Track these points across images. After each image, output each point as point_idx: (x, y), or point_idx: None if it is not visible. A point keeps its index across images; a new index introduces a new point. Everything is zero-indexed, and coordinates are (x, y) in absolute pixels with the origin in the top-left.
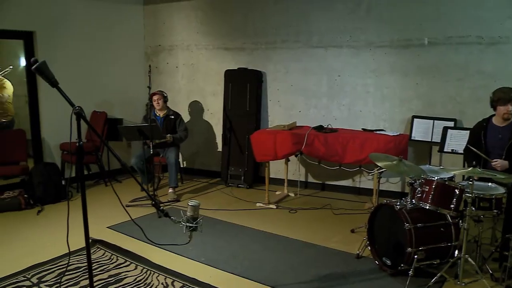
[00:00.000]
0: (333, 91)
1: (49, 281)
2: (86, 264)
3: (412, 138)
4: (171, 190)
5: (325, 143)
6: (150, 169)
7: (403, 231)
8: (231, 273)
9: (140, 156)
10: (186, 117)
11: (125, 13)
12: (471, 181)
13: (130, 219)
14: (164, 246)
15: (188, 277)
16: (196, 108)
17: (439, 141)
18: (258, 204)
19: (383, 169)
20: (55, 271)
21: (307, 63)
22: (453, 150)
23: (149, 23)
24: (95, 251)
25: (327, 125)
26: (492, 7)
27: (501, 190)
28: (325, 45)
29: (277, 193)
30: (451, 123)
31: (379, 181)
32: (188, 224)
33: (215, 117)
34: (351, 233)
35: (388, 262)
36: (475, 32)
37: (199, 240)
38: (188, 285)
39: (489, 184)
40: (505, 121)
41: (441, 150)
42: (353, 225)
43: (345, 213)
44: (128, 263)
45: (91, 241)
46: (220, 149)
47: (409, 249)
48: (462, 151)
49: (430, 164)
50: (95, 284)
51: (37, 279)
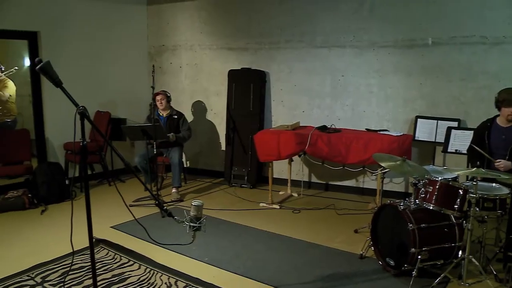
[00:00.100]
0: (336, 91)
1: (52, 280)
2: (89, 263)
3: (415, 138)
4: (174, 190)
5: (328, 143)
6: (153, 169)
7: (407, 231)
8: (234, 273)
9: (143, 155)
10: (189, 117)
11: (128, 13)
12: (475, 182)
13: (133, 218)
14: (167, 246)
15: (191, 277)
16: (199, 108)
17: (443, 141)
18: (261, 204)
19: (387, 170)
20: (58, 270)
21: (310, 63)
22: (457, 150)
23: (153, 23)
24: (99, 250)
25: (331, 125)
26: (496, 7)
27: (505, 190)
28: (328, 45)
29: (281, 193)
30: (455, 123)
31: (382, 182)
32: (191, 224)
33: (218, 117)
34: (355, 233)
35: (391, 262)
36: (479, 32)
37: (203, 240)
38: (191, 285)
39: (493, 184)
40: (509, 122)
41: (445, 150)
42: (356, 225)
43: (348, 213)
44: (131, 262)
45: (94, 240)
46: (223, 149)
47: (413, 250)
48: (465, 152)
49: (433, 164)
50: (98, 283)
51: (40, 278)
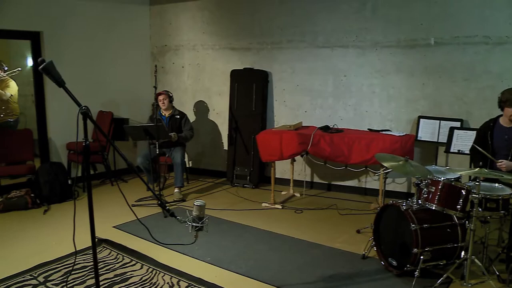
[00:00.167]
0: (339, 91)
1: (55, 280)
2: (92, 263)
3: (418, 138)
4: (177, 190)
5: (331, 143)
6: (156, 169)
7: (409, 231)
8: (236, 273)
9: (146, 155)
10: (192, 117)
11: (131, 13)
12: (477, 182)
13: (136, 218)
14: (169, 245)
15: (193, 276)
16: (201, 108)
17: (446, 141)
18: (263, 204)
19: (389, 170)
20: (61, 270)
21: (313, 63)
22: (459, 150)
23: (155, 23)
24: (101, 250)
25: (333, 125)
26: (499, 7)
27: (508, 191)
28: (331, 45)
29: (283, 193)
30: (457, 124)
31: (385, 182)
32: (193, 224)
33: (221, 117)
34: (357, 234)
35: (394, 262)
36: (482, 32)
37: (205, 240)
38: (193, 285)
39: (496, 184)
40: None
41: (448, 150)
42: (359, 226)
43: (351, 213)
44: (134, 262)
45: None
46: (226, 149)
47: (415, 250)
48: (468, 152)
49: (436, 164)
50: (101, 283)
51: (43, 278)
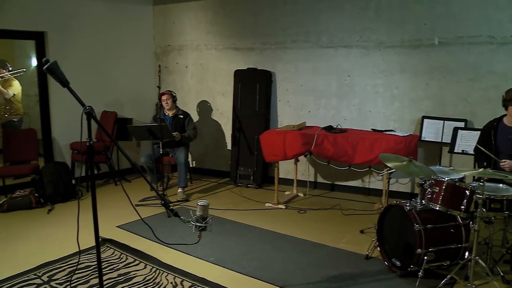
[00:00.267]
0: (342, 91)
1: (59, 279)
2: (96, 263)
3: (422, 138)
4: (180, 190)
5: (334, 143)
6: (159, 169)
7: (413, 232)
8: (239, 273)
9: (149, 155)
10: (195, 117)
11: (134, 13)
12: (481, 182)
13: (139, 218)
14: (173, 245)
15: (197, 276)
16: (205, 108)
17: (449, 141)
18: (267, 204)
19: (393, 170)
20: (65, 269)
21: (316, 63)
22: (463, 150)
23: (159, 23)
24: (105, 250)
25: (337, 126)
26: (503, 7)
27: None
28: (334, 45)
29: (286, 193)
30: (461, 124)
31: (388, 182)
32: (197, 223)
33: (224, 117)
34: (360, 234)
35: (397, 263)
36: (486, 31)
37: (208, 239)
38: (197, 285)
39: (500, 185)
40: None
41: (451, 150)
42: (362, 226)
43: (354, 213)
44: (137, 262)
45: (100, 240)
46: (229, 149)
47: (419, 250)
48: (472, 152)
49: (440, 164)
50: (104, 283)
51: (47, 277)
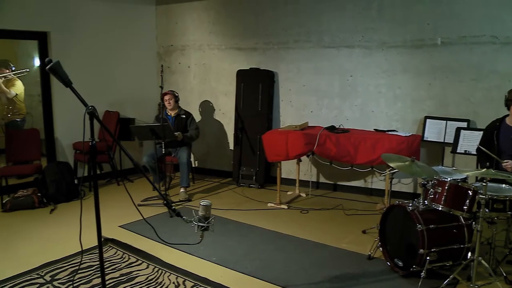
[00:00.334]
0: (345, 91)
1: (62, 279)
2: (98, 262)
3: (424, 138)
4: (182, 189)
5: (337, 143)
6: (162, 169)
7: (416, 232)
8: (242, 273)
9: (152, 155)
10: (197, 117)
11: (137, 13)
12: (484, 183)
13: (142, 218)
14: (175, 245)
15: (199, 276)
16: (208, 108)
17: (452, 142)
18: (269, 204)
19: (395, 170)
20: (67, 269)
21: (318, 63)
22: (466, 151)
23: (162, 23)
24: (107, 249)
25: (339, 126)
26: (506, 6)
27: None
28: (336, 45)
29: (289, 193)
30: (464, 124)
31: (391, 182)
32: (199, 223)
33: (227, 117)
34: (363, 234)
35: (400, 263)
36: (489, 31)
37: (210, 239)
38: (199, 285)
39: (503, 185)
40: None
41: (454, 151)
42: (364, 226)
43: (356, 213)
44: (139, 262)
45: (103, 240)
46: (231, 149)
47: (421, 251)
48: (475, 152)
49: (442, 165)
50: (107, 282)
51: (50, 277)
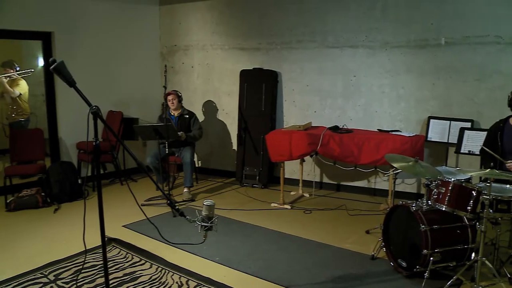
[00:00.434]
0: (348, 91)
1: (65, 278)
2: (102, 262)
3: (428, 139)
4: (186, 189)
5: (340, 143)
6: (165, 169)
7: (419, 232)
8: (245, 273)
9: (155, 155)
10: (201, 117)
11: (141, 13)
12: (488, 183)
13: (145, 218)
14: (179, 245)
15: (202, 276)
16: (211, 108)
17: (456, 142)
18: (272, 204)
19: (399, 170)
20: (71, 268)
21: (322, 63)
22: (470, 151)
23: (165, 23)
24: (111, 249)
25: (343, 126)
26: (511, 6)
27: None
28: (340, 45)
29: (292, 193)
30: (468, 124)
31: (394, 182)
32: (203, 223)
33: (230, 117)
34: (366, 234)
35: (403, 263)
36: (494, 31)
37: (214, 239)
38: (202, 284)
39: (507, 186)
40: None
41: (458, 151)
42: (368, 226)
43: (360, 214)
44: (143, 261)
45: (106, 239)
46: (235, 149)
47: (425, 251)
48: (479, 152)
49: (446, 165)
50: (110, 282)
51: (53, 276)
